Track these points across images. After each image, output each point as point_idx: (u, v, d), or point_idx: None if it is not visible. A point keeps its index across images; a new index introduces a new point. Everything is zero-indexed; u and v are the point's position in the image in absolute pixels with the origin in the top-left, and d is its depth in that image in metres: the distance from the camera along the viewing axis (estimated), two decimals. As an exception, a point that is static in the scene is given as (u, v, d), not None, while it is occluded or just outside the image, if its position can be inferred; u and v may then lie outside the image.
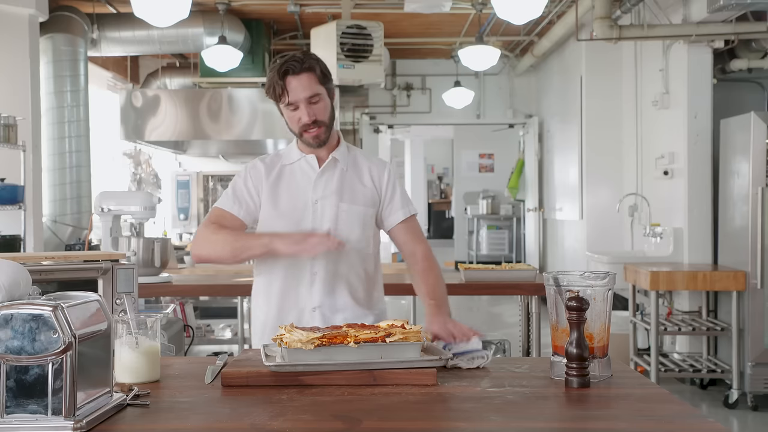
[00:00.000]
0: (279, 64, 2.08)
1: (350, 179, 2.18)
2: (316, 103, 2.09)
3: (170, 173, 8.58)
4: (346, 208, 2.15)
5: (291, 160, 2.20)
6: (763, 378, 4.50)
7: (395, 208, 2.21)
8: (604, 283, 1.60)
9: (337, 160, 2.18)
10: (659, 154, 5.56)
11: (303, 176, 2.18)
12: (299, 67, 2.06)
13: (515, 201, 11.28)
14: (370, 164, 2.24)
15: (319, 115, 2.10)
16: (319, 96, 2.10)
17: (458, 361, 1.72)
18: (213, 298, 5.70)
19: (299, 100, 2.07)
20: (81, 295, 1.37)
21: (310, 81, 2.08)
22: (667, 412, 1.38)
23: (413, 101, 9.36)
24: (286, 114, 2.13)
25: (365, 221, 2.17)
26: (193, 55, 7.62)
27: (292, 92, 2.07)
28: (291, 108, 2.09)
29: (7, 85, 4.98)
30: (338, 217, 2.13)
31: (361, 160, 2.24)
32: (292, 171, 2.19)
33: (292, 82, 2.06)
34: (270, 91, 2.10)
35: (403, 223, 2.21)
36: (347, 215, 2.14)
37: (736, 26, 4.91)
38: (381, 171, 2.23)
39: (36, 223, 4.87)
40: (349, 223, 2.14)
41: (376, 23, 6.03)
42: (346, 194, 2.16)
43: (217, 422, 1.33)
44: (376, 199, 2.20)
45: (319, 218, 2.13)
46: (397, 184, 2.24)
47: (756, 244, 4.50)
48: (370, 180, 2.20)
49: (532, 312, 3.79)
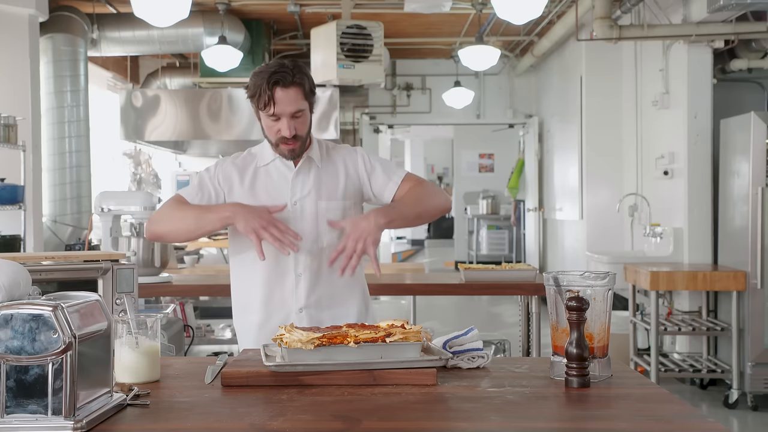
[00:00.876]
0: (268, 72, 2.04)
1: (326, 175, 2.17)
2: (298, 117, 2.08)
3: (170, 173, 8.57)
4: (326, 206, 2.14)
5: (265, 160, 2.18)
6: (763, 378, 4.50)
7: (384, 182, 2.19)
8: (604, 283, 1.60)
9: (312, 159, 2.17)
10: (659, 154, 5.56)
11: (280, 177, 2.16)
12: (290, 79, 2.04)
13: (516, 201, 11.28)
14: (343, 155, 2.22)
15: (299, 130, 2.09)
16: (302, 111, 2.09)
17: (458, 361, 1.72)
18: (213, 298, 5.69)
19: (284, 114, 2.06)
20: (81, 295, 1.37)
21: (297, 96, 2.06)
22: (667, 412, 1.37)
23: (413, 101, 9.36)
24: (264, 121, 2.11)
25: (346, 216, 2.15)
26: (193, 55, 7.62)
27: (279, 105, 2.04)
28: (273, 118, 2.08)
29: (7, 85, 4.98)
30: (318, 216, 2.13)
31: (333, 153, 2.23)
32: (267, 172, 2.17)
33: (280, 93, 2.04)
34: (255, 97, 2.07)
35: (400, 189, 2.19)
36: (327, 212, 2.14)
37: (736, 26, 4.92)
38: (354, 157, 2.22)
39: (36, 223, 4.87)
40: None
41: (376, 23, 6.03)
42: (324, 191, 2.15)
43: (217, 422, 1.33)
44: (357, 188, 2.20)
45: (299, 218, 2.12)
46: (373, 160, 2.22)
47: (756, 244, 4.50)
48: (345, 170, 2.19)
49: (532, 312, 3.78)
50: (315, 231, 2.13)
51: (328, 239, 2.14)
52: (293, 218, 2.12)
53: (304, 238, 2.10)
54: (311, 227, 2.13)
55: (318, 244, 2.13)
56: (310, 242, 2.12)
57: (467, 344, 1.76)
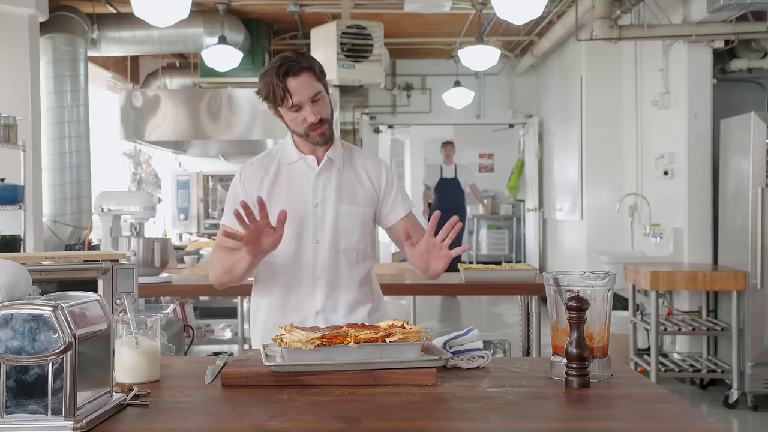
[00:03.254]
0: (275, 67, 2.03)
1: (348, 179, 2.16)
2: (318, 101, 2.06)
3: (170, 173, 8.58)
4: (346, 210, 2.12)
5: (290, 160, 2.16)
6: (763, 378, 4.50)
7: (396, 205, 2.20)
8: (604, 283, 1.60)
9: (333, 160, 2.15)
10: (659, 154, 5.56)
11: (302, 178, 2.14)
12: (298, 67, 2.02)
13: (515, 201, 11.28)
14: (366, 162, 2.21)
15: (323, 113, 2.07)
16: (320, 93, 2.07)
17: (458, 361, 1.72)
18: (213, 298, 5.70)
19: (303, 101, 2.04)
20: (81, 295, 1.37)
21: (310, 80, 2.04)
22: (667, 412, 1.37)
23: (413, 101, 9.36)
24: (287, 116, 2.08)
25: (364, 221, 2.15)
26: (193, 55, 7.63)
27: (296, 94, 2.02)
28: (294, 110, 2.05)
29: (7, 85, 4.98)
30: (338, 219, 2.11)
31: (357, 157, 2.21)
32: (290, 172, 2.15)
33: (293, 83, 2.02)
34: (269, 96, 2.05)
35: (404, 218, 2.20)
36: (347, 216, 2.12)
37: (736, 26, 4.92)
38: (378, 169, 2.21)
39: (36, 223, 4.87)
40: (349, 224, 2.12)
41: (376, 23, 6.03)
42: (345, 195, 2.13)
43: (217, 422, 1.33)
44: (374, 198, 2.19)
45: (320, 221, 2.11)
46: (395, 181, 2.22)
47: (756, 244, 4.50)
48: (367, 179, 2.18)
49: (532, 312, 3.78)
50: (334, 234, 2.11)
51: (345, 242, 2.12)
52: (313, 220, 2.10)
53: (322, 241, 2.09)
54: (330, 230, 2.11)
55: (335, 247, 2.11)
56: (328, 245, 2.10)
57: (467, 344, 1.76)
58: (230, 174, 8.66)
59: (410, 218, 2.22)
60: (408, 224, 2.19)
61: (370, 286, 2.22)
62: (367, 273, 2.20)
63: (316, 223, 2.10)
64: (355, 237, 2.13)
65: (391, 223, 2.20)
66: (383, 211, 2.20)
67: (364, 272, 2.18)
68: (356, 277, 2.15)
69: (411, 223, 2.21)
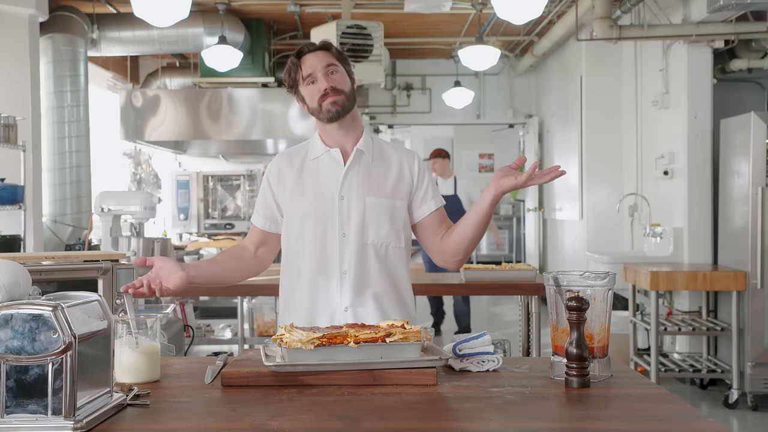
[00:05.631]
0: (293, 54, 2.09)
1: (377, 171, 2.10)
2: (333, 73, 2.06)
3: (170, 173, 8.58)
4: (374, 202, 2.05)
5: (315, 154, 2.12)
6: (763, 378, 4.50)
7: (428, 198, 2.14)
8: (604, 283, 1.60)
9: (362, 151, 2.10)
10: (659, 154, 5.56)
11: (329, 171, 2.09)
12: (314, 46, 2.08)
13: (515, 201, 11.28)
14: (399, 154, 2.16)
15: (337, 84, 2.05)
16: (335, 67, 2.06)
17: (468, 364, 1.70)
18: (213, 298, 5.70)
19: (316, 70, 2.04)
20: (81, 295, 1.37)
21: (326, 55, 2.07)
22: (667, 412, 1.37)
23: (413, 101, 9.36)
24: (306, 94, 2.08)
25: (394, 214, 2.08)
26: (193, 55, 7.62)
27: (308, 66, 2.05)
28: (308, 82, 2.06)
29: (7, 85, 4.98)
30: (365, 212, 2.06)
31: (388, 150, 2.17)
32: (315, 167, 2.11)
33: (308, 57, 2.06)
34: (288, 78, 2.09)
35: (435, 212, 2.15)
36: (375, 209, 2.06)
37: (736, 26, 4.92)
38: (411, 160, 2.15)
39: (36, 223, 4.87)
40: (377, 217, 2.06)
41: (376, 23, 6.03)
42: (373, 187, 2.07)
43: (217, 422, 1.33)
44: (407, 189, 2.11)
45: (346, 214, 2.06)
46: (426, 173, 2.16)
47: (756, 244, 4.50)
48: (399, 170, 2.12)
49: (532, 312, 3.78)
50: (361, 227, 2.05)
51: (373, 235, 2.06)
52: (339, 214, 2.06)
53: (349, 234, 2.05)
54: (357, 223, 2.05)
55: (363, 239, 2.05)
56: (355, 238, 2.05)
57: (477, 348, 1.74)
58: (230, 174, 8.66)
59: (441, 212, 2.16)
60: (440, 217, 2.15)
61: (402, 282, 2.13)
62: (401, 273, 2.12)
63: (342, 217, 2.05)
64: (383, 229, 2.06)
65: (421, 216, 2.14)
66: (413, 204, 2.14)
67: (396, 269, 2.10)
68: (387, 273, 2.08)
69: (442, 216, 2.16)
